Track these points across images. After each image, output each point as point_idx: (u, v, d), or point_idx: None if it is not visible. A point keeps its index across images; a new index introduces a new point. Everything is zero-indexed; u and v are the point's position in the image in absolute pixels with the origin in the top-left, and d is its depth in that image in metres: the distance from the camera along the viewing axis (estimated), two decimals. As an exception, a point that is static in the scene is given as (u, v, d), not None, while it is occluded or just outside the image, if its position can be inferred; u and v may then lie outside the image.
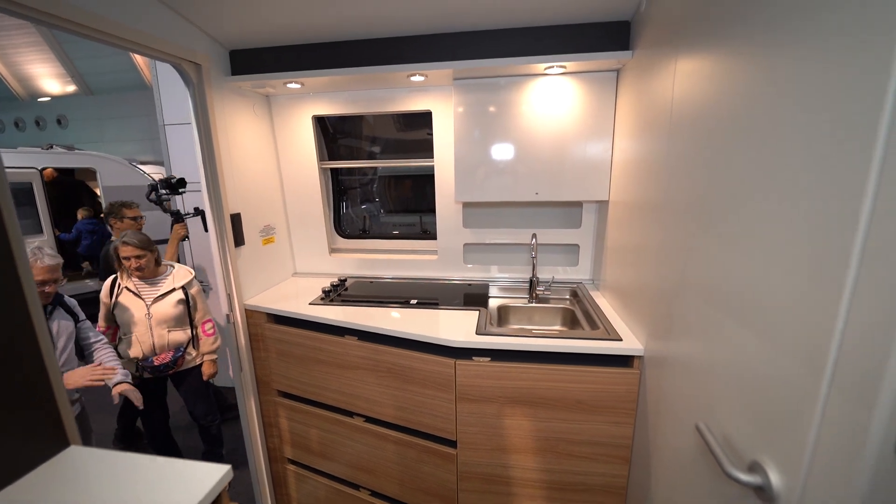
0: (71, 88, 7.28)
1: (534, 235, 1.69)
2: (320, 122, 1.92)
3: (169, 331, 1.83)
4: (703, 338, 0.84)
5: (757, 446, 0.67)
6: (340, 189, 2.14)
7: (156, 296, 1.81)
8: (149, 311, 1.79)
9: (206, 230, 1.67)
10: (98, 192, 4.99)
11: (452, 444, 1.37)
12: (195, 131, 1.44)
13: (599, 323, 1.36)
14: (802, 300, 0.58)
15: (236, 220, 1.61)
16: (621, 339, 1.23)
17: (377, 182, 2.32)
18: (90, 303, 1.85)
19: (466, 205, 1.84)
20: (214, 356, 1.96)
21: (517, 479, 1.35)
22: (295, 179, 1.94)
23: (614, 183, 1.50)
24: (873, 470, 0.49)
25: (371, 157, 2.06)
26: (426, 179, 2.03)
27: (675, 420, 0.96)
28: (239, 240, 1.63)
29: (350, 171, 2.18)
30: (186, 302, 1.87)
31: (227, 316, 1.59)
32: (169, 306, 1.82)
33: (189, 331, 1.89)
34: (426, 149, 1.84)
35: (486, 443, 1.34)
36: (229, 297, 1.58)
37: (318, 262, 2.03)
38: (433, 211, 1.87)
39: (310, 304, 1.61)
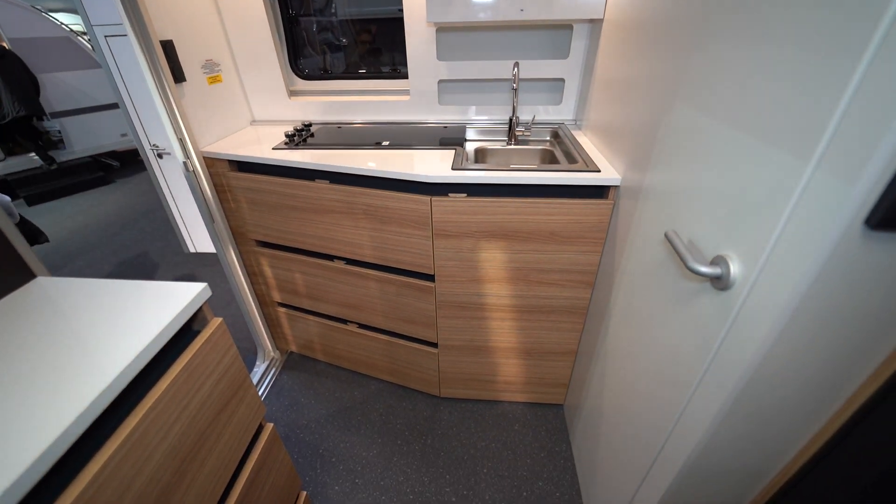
0: None
1: (516, 65, 1.51)
2: (251, -86, 1.50)
3: None
4: (686, 154, 0.81)
5: (721, 243, 0.69)
6: (291, 16, 1.80)
7: None
8: None
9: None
10: (5, 44, 4.16)
11: (430, 277, 1.45)
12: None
13: (579, 157, 1.32)
14: (805, 87, 0.52)
15: (169, 48, 1.36)
16: (599, 171, 1.20)
17: (338, 23, 1.95)
18: None
19: (441, 30, 1.60)
20: None
21: (490, 305, 1.48)
22: (234, 1, 1.60)
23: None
24: (834, 246, 0.51)
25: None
26: (394, 24, 1.71)
27: (644, 239, 1.00)
28: (178, 75, 1.40)
29: None
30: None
31: (185, 164, 1.47)
32: None
33: None
34: (390, -47, 1.49)
35: (462, 275, 1.41)
36: (181, 142, 1.44)
37: (276, 108, 1.83)
38: (403, 53, 1.63)
39: (273, 148, 1.49)
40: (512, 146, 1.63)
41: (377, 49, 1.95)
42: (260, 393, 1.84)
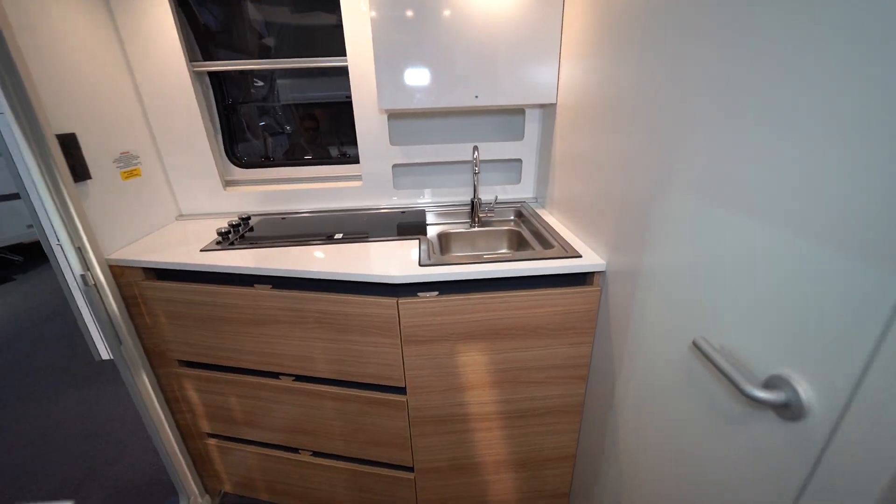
0: None
1: (475, 148, 1.45)
2: (183, 6, 1.40)
3: None
4: (694, 242, 0.72)
5: (777, 359, 0.57)
6: (228, 103, 1.66)
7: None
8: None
9: None
10: None
11: (401, 390, 1.21)
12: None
13: (553, 241, 1.22)
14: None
15: (69, 142, 1.14)
16: (580, 256, 1.11)
17: (281, 108, 1.85)
18: None
19: (393, 116, 1.53)
20: None
21: (474, 415, 1.26)
22: (158, 89, 1.44)
23: (564, 83, 1.29)
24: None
25: (264, 54, 1.59)
26: (340, 107, 1.65)
27: (654, 336, 0.87)
28: (81, 172, 1.17)
29: (239, 79, 1.69)
30: None
31: (83, 277, 1.18)
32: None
33: None
34: (337, 41, 1.44)
35: (438, 384, 1.20)
36: (80, 251, 1.16)
37: (209, 201, 1.61)
38: (353, 137, 1.54)
39: (202, 250, 1.25)
40: (476, 229, 1.53)
41: (324, 134, 1.85)
42: (180, 563, 1.39)
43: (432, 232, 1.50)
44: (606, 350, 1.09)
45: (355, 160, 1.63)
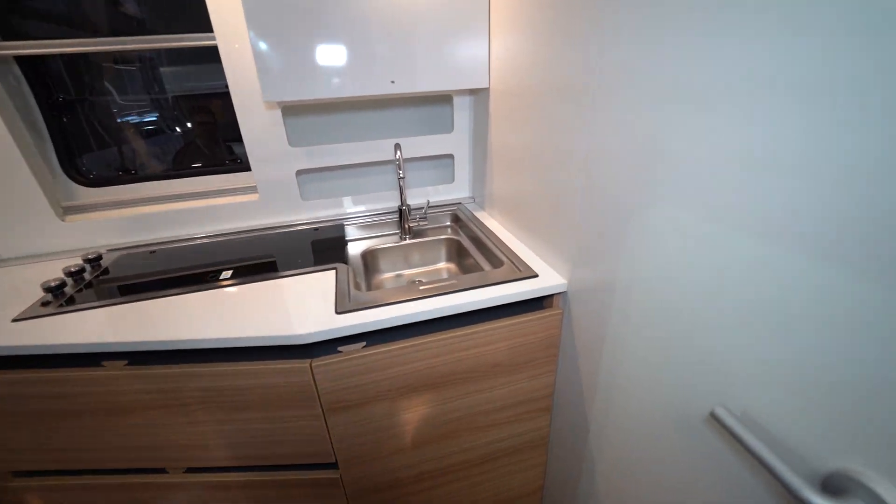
0: None
1: (397, 147, 1.19)
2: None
3: None
4: (686, 254, 0.54)
5: (838, 448, 0.41)
6: (59, 100, 1.22)
7: None
8: None
9: None
10: None
11: (332, 465, 0.95)
12: None
13: (501, 254, 1.02)
14: None
15: None
16: (537, 276, 0.92)
17: (155, 102, 1.41)
18: None
19: (289, 111, 1.21)
20: None
21: (429, 472, 1.04)
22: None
23: (497, 63, 1.07)
24: None
25: (96, 31, 1.15)
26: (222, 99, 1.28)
27: (642, 383, 0.71)
28: None
29: (84, 64, 1.23)
30: None
31: None
32: None
33: None
34: (196, 10, 1.09)
35: (379, 450, 0.96)
36: None
37: (39, 237, 1.18)
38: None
39: (16, 319, 0.87)
40: (408, 241, 1.28)
41: (212, 137, 1.46)
42: None
43: (356, 250, 1.23)
44: (570, 376, 0.93)
45: (246, 166, 1.29)
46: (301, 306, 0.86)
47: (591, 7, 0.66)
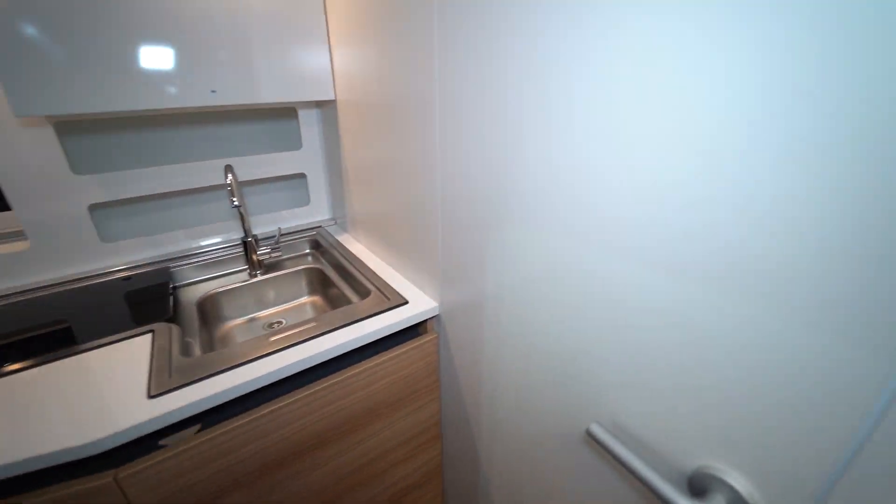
0: None
1: (228, 168, 1.00)
2: None
3: None
4: (545, 263, 0.54)
5: (699, 449, 0.43)
6: None
7: None
8: None
9: None
10: None
11: (178, 588, 0.73)
12: None
13: (367, 282, 0.93)
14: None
15: None
16: (407, 302, 0.85)
17: None
18: None
19: (68, 127, 0.91)
20: None
21: (313, 549, 0.88)
22: None
23: (341, 73, 0.98)
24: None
25: None
26: None
27: (515, 400, 0.69)
28: None
29: None
30: None
31: None
32: None
33: None
34: None
35: (245, 545, 0.77)
36: None
37: None
38: None
39: None
40: (260, 277, 1.10)
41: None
42: None
43: (190, 297, 0.99)
44: (457, 399, 0.89)
45: (5, 206, 0.93)
46: (100, 394, 0.63)
47: (425, 18, 0.62)
